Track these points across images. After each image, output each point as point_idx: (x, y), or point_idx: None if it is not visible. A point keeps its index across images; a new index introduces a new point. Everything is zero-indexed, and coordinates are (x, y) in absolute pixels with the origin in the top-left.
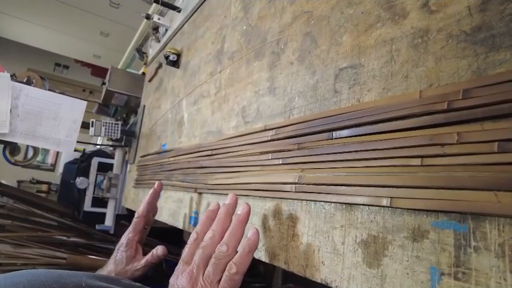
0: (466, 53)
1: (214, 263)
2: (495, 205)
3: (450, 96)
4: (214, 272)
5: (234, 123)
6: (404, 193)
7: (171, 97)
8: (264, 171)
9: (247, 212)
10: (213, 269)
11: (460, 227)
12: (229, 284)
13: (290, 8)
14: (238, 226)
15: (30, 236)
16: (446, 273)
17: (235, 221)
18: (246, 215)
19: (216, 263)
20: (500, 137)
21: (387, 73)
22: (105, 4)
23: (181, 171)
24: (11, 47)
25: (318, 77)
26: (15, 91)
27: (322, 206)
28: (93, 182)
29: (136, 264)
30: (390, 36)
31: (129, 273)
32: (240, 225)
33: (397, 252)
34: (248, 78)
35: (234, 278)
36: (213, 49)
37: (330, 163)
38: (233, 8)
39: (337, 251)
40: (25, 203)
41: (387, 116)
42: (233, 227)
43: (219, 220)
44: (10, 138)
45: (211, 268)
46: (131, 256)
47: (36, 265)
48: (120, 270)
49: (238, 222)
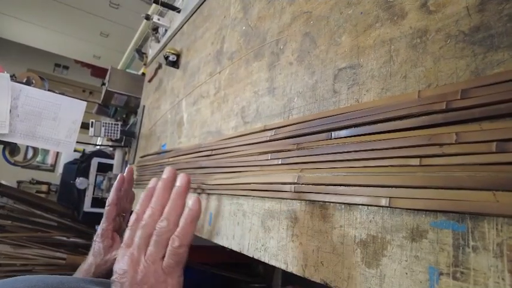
0: (465, 53)
1: (155, 240)
2: (493, 205)
3: (449, 97)
4: (157, 249)
5: (233, 124)
6: (403, 193)
7: (170, 97)
8: (263, 171)
9: (186, 183)
10: (154, 247)
11: (458, 226)
12: (174, 258)
13: (289, 8)
14: (177, 199)
15: (30, 237)
16: (444, 273)
17: (174, 194)
18: (185, 186)
19: (157, 240)
20: (498, 137)
21: (386, 73)
22: (105, 5)
23: (181, 172)
24: (11, 47)
25: (317, 77)
26: (15, 91)
27: (321, 206)
28: (92, 182)
29: (115, 253)
30: (389, 36)
31: (108, 263)
32: (180, 198)
33: (396, 252)
34: (247, 78)
35: (178, 252)
36: (212, 49)
37: (329, 163)
38: (232, 9)
39: (336, 251)
40: (25, 204)
41: (386, 116)
42: (172, 200)
43: (157, 196)
44: (10, 139)
45: (153, 246)
46: (108, 246)
47: (36, 265)
48: (100, 261)
49: (177, 195)
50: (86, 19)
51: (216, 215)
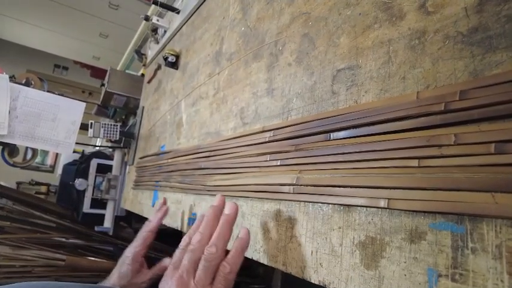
0: (463, 54)
1: (204, 265)
2: (492, 206)
3: (447, 98)
4: (206, 274)
5: (232, 125)
6: (402, 194)
7: (169, 98)
8: (262, 172)
9: (234, 212)
10: (203, 272)
11: (457, 228)
12: (224, 284)
13: (288, 9)
14: (225, 226)
15: (29, 238)
16: (443, 274)
17: (223, 221)
18: (233, 214)
19: (206, 265)
20: (497, 138)
21: (384, 74)
22: (104, 6)
23: (180, 173)
24: (10, 48)
25: (316, 78)
26: (14, 92)
27: (320, 207)
28: (92, 183)
29: (142, 277)
30: (387, 37)
31: (134, 287)
32: (227, 225)
33: (395, 253)
34: (246, 79)
35: (228, 278)
36: (211, 50)
37: (327, 164)
38: (231, 10)
39: (335, 253)
40: (24, 205)
41: (384, 117)
42: (221, 227)
43: (207, 222)
44: (9, 140)
45: (202, 271)
46: (136, 270)
47: (35, 267)
48: (125, 283)
49: (226, 223)
50: (85, 20)
51: None
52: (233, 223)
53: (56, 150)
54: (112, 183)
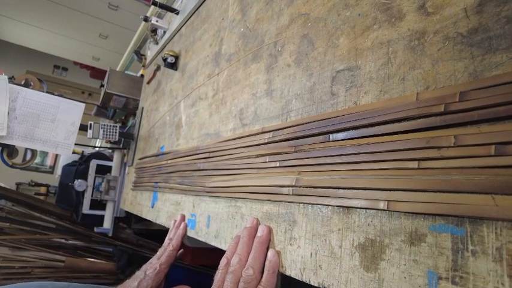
0: (463, 55)
1: (243, 287)
2: (492, 208)
3: (447, 99)
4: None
5: (231, 126)
6: (402, 196)
7: (169, 99)
8: (261, 173)
9: (267, 234)
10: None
11: (457, 230)
12: None
13: (287, 10)
14: (260, 248)
15: (29, 239)
16: (443, 277)
17: (257, 243)
18: (266, 236)
19: (246, 287)
20: (497, 139)
21: (384, 75)
22: (104, 6)
23: (179, 174)
24: (10, 49)
25: (315, 79)
26: (13, 93)
27: (319, 209)
28: (91, 184)
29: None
30: (387, 38)
31: None
32: (262, 247)
33: (395, 256)
34: (245, 80)
35: None
36: (210, 51)
37: (327, 166)
38: (231, 10)
39: (335, 255)
40: (23, 206)
41: (384, 119)
42: (255, 249)
43: (243, 244)
44: (8, 141)
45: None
46: (156, 286)
47: (34, 268)
48: None
49: (260, 244)
50: (85, 21)
51: (214, 217)
52: (267, 244)
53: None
54: (111, 184)
